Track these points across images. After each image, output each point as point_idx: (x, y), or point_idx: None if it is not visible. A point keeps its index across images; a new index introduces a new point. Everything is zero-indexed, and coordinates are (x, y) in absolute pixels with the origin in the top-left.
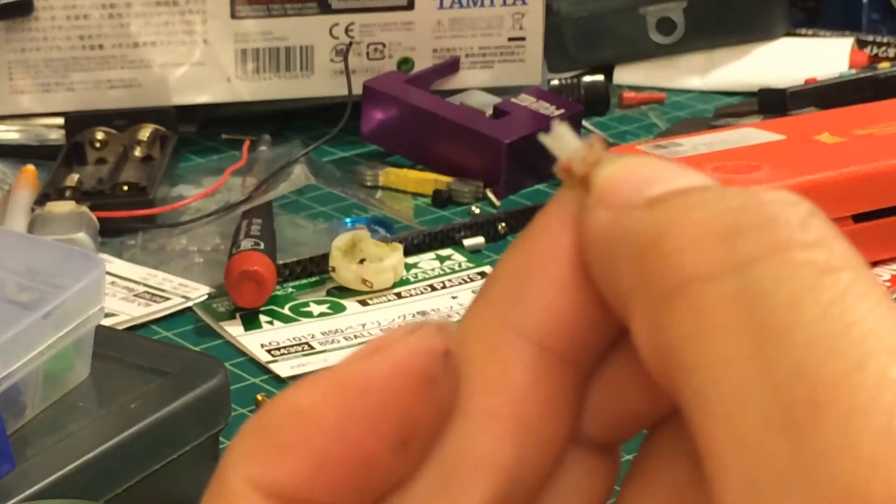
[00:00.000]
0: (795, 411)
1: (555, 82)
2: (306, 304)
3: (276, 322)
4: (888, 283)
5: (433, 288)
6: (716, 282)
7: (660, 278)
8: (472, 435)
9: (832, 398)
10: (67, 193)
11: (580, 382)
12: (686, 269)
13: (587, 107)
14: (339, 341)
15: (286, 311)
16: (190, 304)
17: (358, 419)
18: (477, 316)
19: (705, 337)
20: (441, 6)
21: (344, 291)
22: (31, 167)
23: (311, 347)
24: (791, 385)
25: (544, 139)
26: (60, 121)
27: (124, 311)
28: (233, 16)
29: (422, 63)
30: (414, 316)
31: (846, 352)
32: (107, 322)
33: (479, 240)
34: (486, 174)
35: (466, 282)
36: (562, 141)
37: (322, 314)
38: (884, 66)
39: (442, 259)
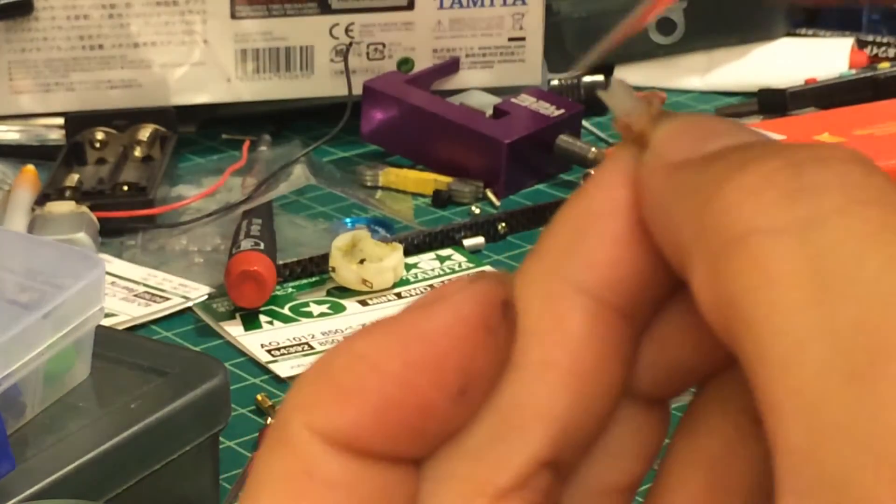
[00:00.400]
0: (857, 361)
1: (555, 82)
2: (306, 305)
3: (276, 322)
4: None
5: (433, 288)
6: (777, 235)
7: (720, 231)
8: (528, 386)
9: (893, 348)
10: (67, 193)
11: (634, 336)
12: (747, 221)
13: (587, 107)
14: (339, 341)
15: (286, 311)
16: (190, 304)
17: (419, 367)
18: (533, 269)
19: (767, 288)
20: (441, 6)
21: (344, 291)
22: (31, 167)
23: (311, 347)
24: (852, 335)
25: (603, 95)
26: (60, 121)
27: (124, 311)
28: (233, 16)
29: (422, 63)
30: None
31: None
32: (107, 322)
33: (479, 240)
34: (486, 174)
35: None
36: (619, 98)
37: (322, 314)
38: (883, 67)
39: (442, 259)
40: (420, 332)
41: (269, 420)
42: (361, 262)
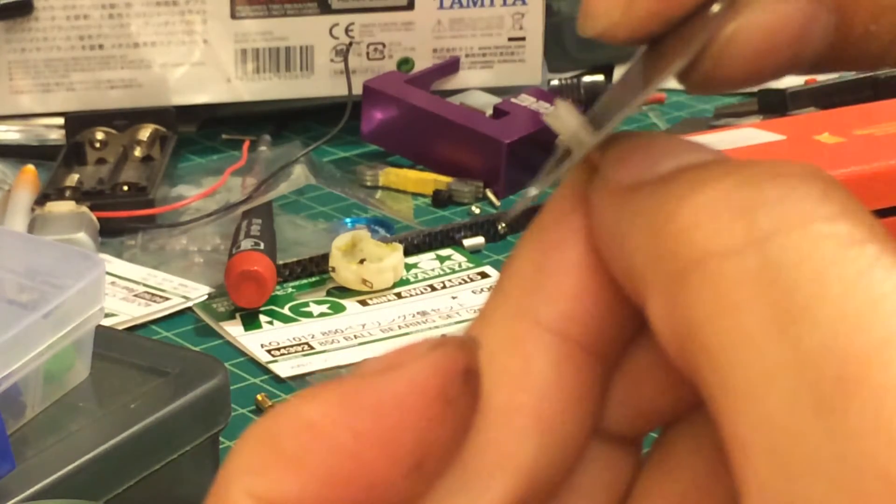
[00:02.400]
0: (825, 390)
1: (555, 82)
2: (306, 304)
3: (276, 322)
4: None
5: (433, 288)
6: (735, 257)
7: (675, 255)
8: (493, 433)
9: (863, 375)
10: (67, 193)
11: (603, 375)
12: (703, 244)
13: (587, 107)
14: (339, 341)
15: (286, 311)
16: (190, 304)
17: (371, 440)
18: (495, 309)
19: (726, 315)
20: (441, 6)
21: (344, 291)
22: (31, 167)
23: (311, 347)
24: (819, 363)
25: (546, 118)
26: (60, 121)
27: (124, 311)
28: (233, 16)
29: (422, 63)
30: (414, 316)
31: (875, 327)
32: (107, 322)
33: (479, 240)
34: (486, 174)
35: (466, 282)
36: (563, 119)
37: (322, 314)
38: None
39: (442, 259)
40: (373, 402)
41: None
42: (361, 262)
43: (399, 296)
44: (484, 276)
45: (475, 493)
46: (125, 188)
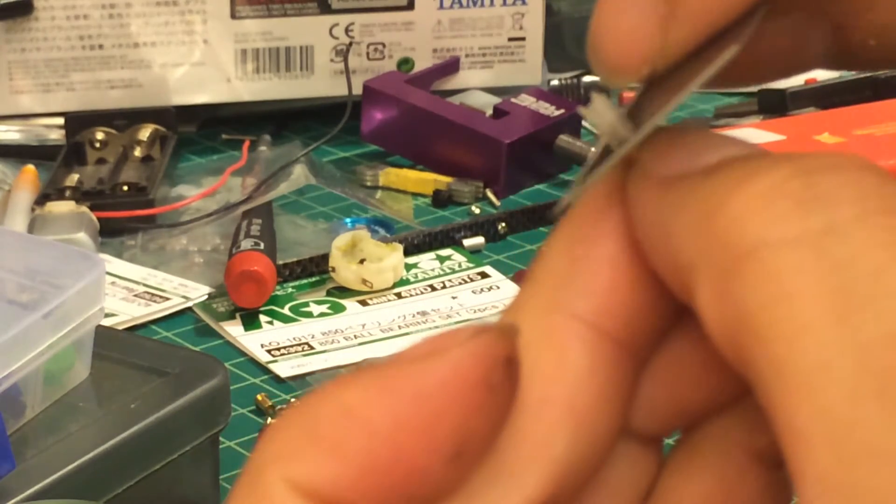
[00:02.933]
0: (886, 379)
1: (555, 82)
2: (306, 304)
3: (276, 322)
4: None
5: (433, 288)
6: (792, 246)
7: (728, 245)
8: (527, 425)
9: None
10: (67, 193)
11: (635, 370)
12: (757, 234)
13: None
14: (339, 341)
15: (286, 311)
16: (190, 304)
17: (411, 428)
18: (528, 300)
19: (783, 304)
20: (441, 6)
21: (344, 291)
22: (31, 167)
23: (311, 347)
24: (880, 352)
25: (583, 112)
26: (60, 121)
27: (124, 311)
28: (233, 16)
29: (422, 63)
30: (414, 316)
31: None
32: (107, 322)
33: (479, 240)
34: (486, 174)
35: (466, 282)
36: (601, 113)
37: (322, 314)
38: None
39: (442, 259)
40: (414, 388)
41: (269, 420)
42: (361, 262)
43: (399, 296)
44: (484, 276)
45: (509, 486)
46: (125, 188)
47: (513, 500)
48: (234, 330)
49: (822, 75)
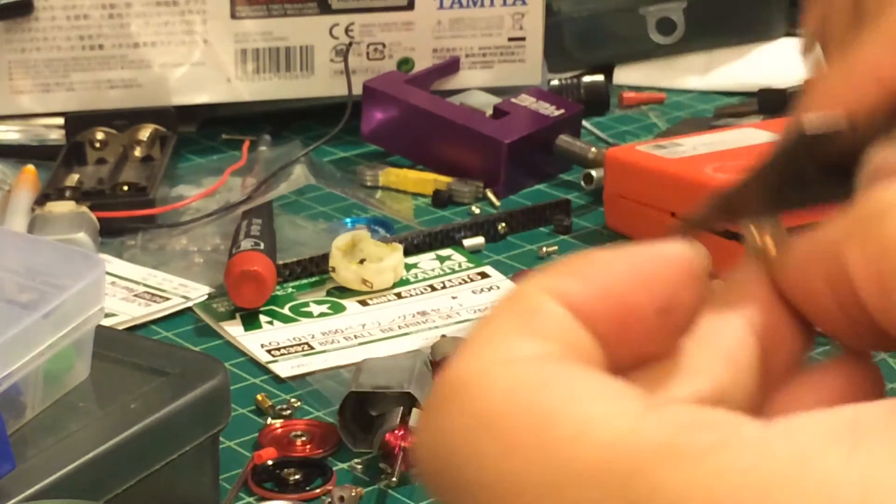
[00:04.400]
0: None
1: (555, 82)
2: (306, 304)
3: (276, 322)
4: None
5: (433, 288)
6: None
7: (866, 210)
8: (717, 324)
9: None
10: (67, 193)
11: (765, 383)
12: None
13: (587, 107)
14: (339, 341)
15: (286, 311)
16: (190, 304)
17: (638, 275)
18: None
19: None
20: (441, 6)
21: (344, 291)
22: (31, 167)
23: (311, 347)
24: None
25: (745, 233)
26: (60, 121)
27: (124, 311)
28: (233, 16)
29: (422, 63)
30: (414, 316)
31: None
32: (107, 322)
33: (479, 240)
34: (486, 174)
35: (466, 282)
36: (751, 238)
37: (322, 314)
38: None
39: (442, 259)
40: (646, 256)
41: (269, 420)
42: (361, 262)
43: (399, 296)
44: (484, 276)
45: (688, 379)
46: (125, 188)
47: (687, 391)
48: (234, 330)
49: None
